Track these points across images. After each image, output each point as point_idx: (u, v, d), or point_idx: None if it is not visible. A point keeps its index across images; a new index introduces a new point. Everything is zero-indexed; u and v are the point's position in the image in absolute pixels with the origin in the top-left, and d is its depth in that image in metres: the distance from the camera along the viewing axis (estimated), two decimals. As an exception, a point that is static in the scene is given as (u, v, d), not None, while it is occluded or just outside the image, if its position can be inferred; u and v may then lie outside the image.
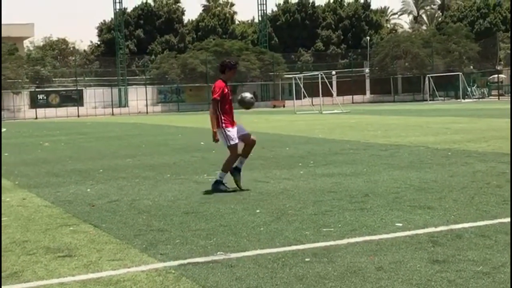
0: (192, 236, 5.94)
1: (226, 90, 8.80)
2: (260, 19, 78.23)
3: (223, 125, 8.66)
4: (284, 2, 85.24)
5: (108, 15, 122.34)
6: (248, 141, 8.78)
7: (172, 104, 67.24)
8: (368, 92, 74.87)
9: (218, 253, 5.26)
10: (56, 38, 78.49)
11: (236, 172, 8.67)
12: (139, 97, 65.60)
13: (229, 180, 8.65)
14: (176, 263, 5.02)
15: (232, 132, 8.67)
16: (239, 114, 10.32)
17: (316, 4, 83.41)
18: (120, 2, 69.75)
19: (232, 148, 8.66)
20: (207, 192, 8.50)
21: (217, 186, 8.55)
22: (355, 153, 13.15)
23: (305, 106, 51.49)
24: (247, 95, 9.22)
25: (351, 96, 70.42)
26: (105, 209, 7.57)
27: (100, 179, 10.40)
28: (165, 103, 67.87)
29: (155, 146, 17.14)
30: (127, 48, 73.22)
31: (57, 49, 75.93)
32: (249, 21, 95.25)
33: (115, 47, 69.33)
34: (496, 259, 4.76)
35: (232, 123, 8.77)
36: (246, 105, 9.08)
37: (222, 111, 8.70)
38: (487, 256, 4.84)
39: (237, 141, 8.66)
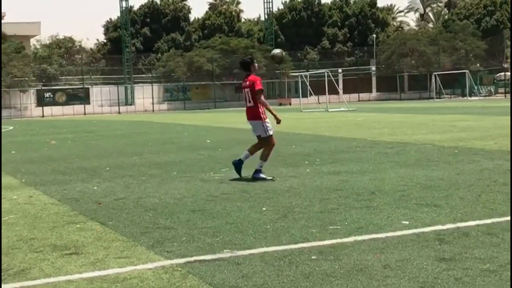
0: (198, 233, 5.94)
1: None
2: (266, 17, 78.19)
3: (263, 116, 9.28)
4: (290, 0, 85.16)
5: (115, 14, 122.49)
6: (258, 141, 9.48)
7: (178, 102, 67.29)
8: (374, 90, 74.72)
9: (225, 250, 5.27)
10: (63, 37, 78.60)
11: (238, 163, 9.39)
12: (145, 95, 65.67)
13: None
14: (182, 260, 5.03)
15: (269, 124, 9.34)
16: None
17: (322, 2, 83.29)
18: (127, 0, 69.83)
19: (270, 138, 9.36)
20: (213, 190, 8.51)
21: (258, 175, 9.13)
22: (361, 151, 13.13)
23: (311, 104, 51.45)
24: (277, 50, 9.97)
25: (357, 94, 70.31)
26: (111, 206, 7.59)
27: (106, 177, 10.43)
28: (171, 101, 67.92)
29: (161, 144, 17.17)
30: (133, 46, 73.31)
31: (64, 48, 76.06)
32: (255, 19, 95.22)
33: (122, 45, 69.41)
34: (503, 257, 4.74)
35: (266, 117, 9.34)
36: (277, 60, 10.03)
37: (260, 104, 9.34)
38: (494, 254, 4.83)
39: (273, 132, 9.37)
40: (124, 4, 69.90)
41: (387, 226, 5.94)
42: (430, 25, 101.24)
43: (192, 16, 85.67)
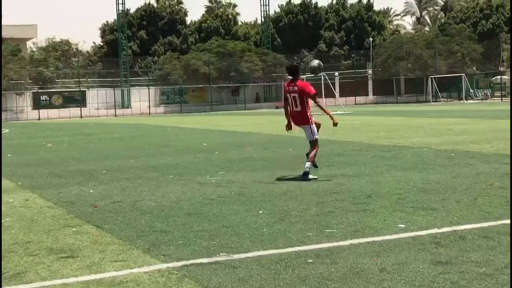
0: (195, 237, 5.94)
1: None
2: (262, 20, 78.26)
3: (311, 120, 9.73)
4: (286, 3, 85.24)
5: (111, 16, 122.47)
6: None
7: (174, 105, 67.26)
8: (371, 93, 74.79)
9: (221, 254, 5.26)
10: (59, 39, 78.61)
11: (306, 175, 9.42)
12: (142, 98, 65.64)
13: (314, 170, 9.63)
14: (179, 264, 5.02)
15: (316, 129, 9.80)
16: (243, 116, 10.34)
17: (319, 5, 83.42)
18: (123, 3, 69.85)
19: (317, 140, 9.80)
20: (209, 193, 8.50)
21: (306, 177, 9.35)
22: (358, 154, 13.14)
23: (307, 107, 51.37)
24: (315, 62, 10.05)
25: (354, 97, 70.38)
26: (108, 210, 7.58)
27: (103, 180, 10.41)
28: (168, 104, 67.89)
29: (158, 147, 17.15)
30: (130, 49, 73.28)
31: (60, 50, 76.04)
32: (252, 22, 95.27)
33: (118, 48, 69.38)
34: (499, 261, 4.75)
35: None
36: (317, 71, 10.56)
37: (309, 109, 9.79)
38: (490, 258, 4.83)
39: (318, 136, 9.82)
40: (120, 7, 69.92)
41: (383, 230, 5.94)
42: (427, 28, 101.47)
43: (189, 19, 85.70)
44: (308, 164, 9.53)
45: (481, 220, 6.19)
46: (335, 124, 9.86)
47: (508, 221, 6.07)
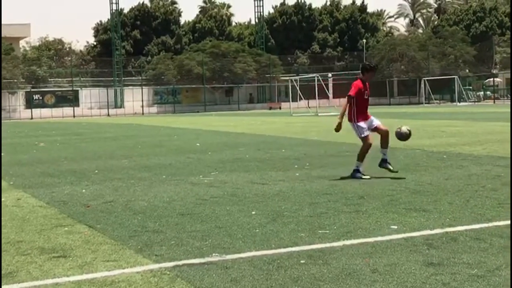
0: (187, 237, 5.93)
1: (363, 89, 9.68)
2: (256, 21, 78.32)
3: (356, 119, 9.64)
4: (281, 4, 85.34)
5: (105, 16, 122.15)
6: (381, 132, 9.70)
7: (168, 105, 67.23)
8: (364, 94, 74.79)
9: (213, 254, 5.26)
10: (52, 39, 78.41)
11: (383, 163, 9.64)
12: (135, 98, 65.56)
13: (365, 168, 9.68)
14: (171, 264, 5.01)
15: (363, 125, 9.63)
16: (242, 116, 10.29)
17: (313, 6, 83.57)
18: (117, 3, 69.78)
19: (364, 139, 9.64)
20: (202, 194, 8.49)
21: (355, 174, 9.46)
22: (351, 155, 13.13)
23: (301, 108, 51.54)
24: (404, 129, 10.16)
25: (347, 99, 70.43)
26: (100, 209, 7.56)
27: (95, 179, 10.38)
28: (161, 104, 67.85)
29: (150, 147, 17.13)
30: (123, 49, 73.19)
31: (53, 50, 75.84)
32: (246, 23, 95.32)
33: (111, 48, 69.28)
34: (491, 262, 4.76)
35: (365, 118, 9.70)
36: (403, 139, 10.31)
37: (357, 107, 9.63)
38: (482, 259, 4.85)
39: (367, 133, 9.64)
40: (114, 6, 69.81)
41: (375, 231, 5.95)
42: (420, 30, 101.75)
43: (183, 19, 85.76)
44: (356, 163, 9.66)
45: (473, 221, 6.20)
46: (336, 129, 9.80)
47: (500, 223, 6.09)
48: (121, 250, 5.53)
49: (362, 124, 9.69)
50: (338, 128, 9.75)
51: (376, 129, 9.75)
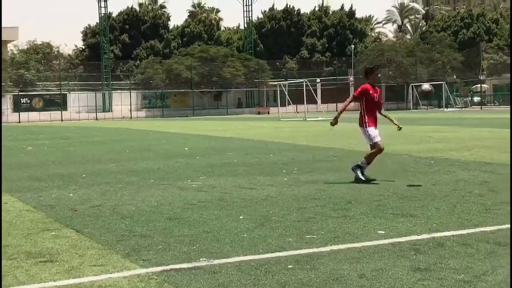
0: (175, 242, 5.92)
1: (371, 92, 9.64)
2: (245, 25, 78.40)
3: (366, 124, 9.62)
4: (269, 9, 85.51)
5: (93, 20, 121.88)
6: (379, 147, 9.67)
7: (156, 109, 67.10)
8: (352, 100, 75.04)
9: (201, 259, 5.25)
10: (41, 42, 78.02)
11: (357, 169, 9.54)
12: (123, 102, 65.40)
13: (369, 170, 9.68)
14: (158, 269, 5.00)
15: (374, 131, 9.62)
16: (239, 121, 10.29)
17: (302, 12, 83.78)
18: (105, 7, 69.67)
19: (376, 145, 9.63)
20: (190, 198, 8.48)
21: (356, 170, 9.54)
22: (339, 160, 13.19)
23: (289, 113, 51.60)
24: (426, 86, 10.06)
25: (335, 104, 70.65)
26: (87, 214, 7.53)
27: (83, 184, 10.34)
28: (150, 109, 67.72)
29: (138, 152, 17.08)
30: (111, 53, 73.00)
31: (41, 53, 75.45)
32: (235, 28, 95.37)
33: (100, 52, 69.10)
34: (478, 268, 4.79)
35: (374, 125, 9.69)
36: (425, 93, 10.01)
37: (367, 111, 9.66)
38: (468, 265, 4.87)
39: (379, 139, 9.63)
40: (103, 10, 69.69)
41: (363, 236, 5.97)
42: (408, 36, 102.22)
43: (172, 24, 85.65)
44: (362, 161, 9.68)
45: (460, 227, 6.24)
46: (332, 123, 10.00)
47: (487, 228, 6.13)
48: (108, 255, 5.51)
49: (372, 129, 9.66)
50: (334, 122, 9.90)
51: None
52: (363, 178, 9.50)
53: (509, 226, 6.20)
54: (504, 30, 71.79)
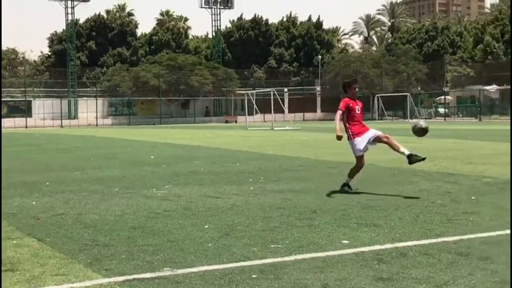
0: (138, 251, 5.87)
1: (351, 104, 9.61)
2: (213, 34, 78.46)
3: (351, 136, 9.62)
4: (238, 18, 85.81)
5: (60, 26, 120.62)
6: (383, 140, 9.61)
7: (123, 117, 66.62)
8: (319, 109, 75.73)
9: (165, 269, 5.22)
10: (6, 48, 76.92)
11: (411, 158, 9.39)
12: (89, 109, 64.79)
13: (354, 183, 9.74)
14: (121, 278, 4.95)
15: (359, 143, 9.58)
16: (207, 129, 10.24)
17: (270, 22, 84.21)
18: (72, 14, 69.04)
19: (358, 158, 9.68)
20: (155, 207, 8.43)
21: (343, 189, 9.56)
22: (305, 170, 13.25)
23: (257, 122, 51.71)
24: (422, 123, 10.14)
25: (302, 114, 71.08)
26: (50, 222, 7.42)
27: (46, 192, 10.20)
28: (116, 116, 67.21)
29: (104, 159, 16.92)
30: (78, 60, 72.37)
31: (6, 59, 74.39)
32: (203, 36, 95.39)
33: (66, 58, 68.41)
34: (439, 277, 4.85)
35: (361, 133, 9.60)
36: (420, 133, 10.10)
37: (350, 124, 9.61)
38: (430, 274, 4.93)
39: (361, 153, 9.65)
40: (70, 17, 69.04)
41: (327, 245, 6.00)
42: (374, 48, 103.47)
43: (139, 31, 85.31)
44: (347, 178, 9.70)
45: (422, 237, 6.31)
46: (337, 138, 9.48)
47: (448, 238, 6.22)
48: (71, 264, 5.44)
49: (357, 141, 9.55)
50: (340, 136, 9.44)
51: (378, 140, 9.64)
52: (352, 191, 9.49)
53: (471, 236, 6.30)
54: (468, 43, 73.08)
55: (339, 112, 9.62)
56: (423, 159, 9.34)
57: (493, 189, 9.70)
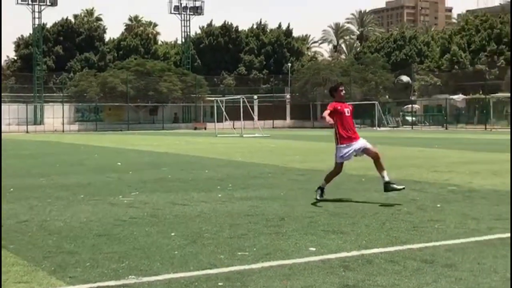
0: (103, 259, 5.80)
1: (339, 107, 9.44)
2: (183, 40, 78.27)
3: (338, 141, 9.41)
4: (207, 25, 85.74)
5: (26, 30, 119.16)
6: (371, 154, 9.41)
7: (90, 123, 65.93)
8: (288, 117, 76.00)
9: (130, 276, 5.16)
10: (-30, 51, 75.66)
11: (388, 186, 9.29)
12: (56, 115, 64.00)
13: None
14: (85, 286, 4.88)
15: (343, 150, 9.34)
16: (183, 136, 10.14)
17: (240, 29, 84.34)
18: (39, 18, 68.21)
19: (337, 164, 9.50)
20: (121, 214, 8.34)
21: (317, 191, 9.51)
22: (273, 177, 13.26)
23: (226, 129, 51.65)
24: (403, 78, 9.77)
25: (271, 121, 71.21)
26: (13, 229, 7.29)
27: (10, 198, 10.02)
28: (83, 122, 66.51)
29: (70, 166, 16.71)
30: (45, 65, 71.50)
31: (-29, 63, 73.17)
32: (172, 42, 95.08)
33: (32, 63, 67.53)
34: (404, 285, 4.88)
35: (350, 140, 9.36)
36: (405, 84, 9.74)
37: (339, 128, 9.39)
38: (395, 282, 4.96)
39: (342, 161, 9.44)
40: (37, 21, 68.21)
41: (294, 253, 6.00)
42: (343, 56, 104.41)
43: (108, 36, 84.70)
44: (322, 182, 9.59)
45: (388, 244, 6.35)
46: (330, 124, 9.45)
47: (414, 246, 6.27)
48: (34, 272, 5.35)
49: (343, 147, 9.33)
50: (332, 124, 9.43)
51: (366, 152, 9.42)
52: (319, 198, 9.39)
53: (436, 243, 6.36)
54: (435, 52, 74.14)
55: (326, 111, 9.48)
56: (400, 189, 9.24)
57: (458, 197, 9.83)
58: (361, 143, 9.45)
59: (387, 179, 9.32)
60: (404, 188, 9.34)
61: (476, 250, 6.04)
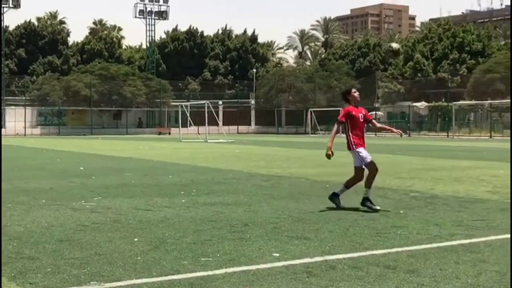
0: (64, 264, 5.70)
1: (354, 113, 9.27)
2: (148, 45, 77.86)
3: (354, 146, 9.22)
4: (173, 29, 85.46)
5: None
6: (367, 166, 9.25)
7: (52, 127, 65.07)
8: (253, 123, 76.13)
9: (92, 282, 5.08)
10: None
11: (365, 202, 9.11)
12: (17, 118, 63.00)
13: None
14: (45, 293, 4.79)
15: (364, 152, 9.22)
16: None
17: (205, 34, 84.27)
18: (1, 20, 67.15)
19: (357, 169, 9.32)
20: (83, 219, 8.23)
21: (333, 198, 9.31)
22: (237, 182, 13.25)
23: (190, 134, 51.48)
24: (393, 45, 9.68)
25: (236, 126, 71.26)
26: (-29, 235, 7.13)
27: (-32, 203, 9.80)
28: (45, 126, 65.58)
29: (31, 170, 16.45)
30: (6, 68, 70.34)
31: None
32: (137, 47, 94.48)
33: (-6, 66, 66.36)
34: (367, 290, 4.91)
35: (363, 144, 9.28)
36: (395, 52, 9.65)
37: (352, 133, 9.27)
38: None
39: (370, 159, 9.24)
40: (-1, 23, 67.11)
41: (258, 258, 5.99)
42: (308, 63, 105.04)
43: (71, 40, 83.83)
44: (341, 188, 9.44)
45: (351, 250, 6.39)
46: (327, 155, 9.40)
47: (377, 252, 6.32)
48: (-8, 279, 5.23)
49: (362, 149, 9.20)
50: (329, 154, 9.30)
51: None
52: (339, 204, 9.23)
53: (398, 249, 6.42)
54: (399, 60, 75.12)
55: (336, 126, 9.26)
56: (375, 210, 8.97)
57: (420, 203, 9.95)
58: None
59: (368, 195, 9.19)
60: (379, 209, 9.05)
61: (438, 256, 6.11)
